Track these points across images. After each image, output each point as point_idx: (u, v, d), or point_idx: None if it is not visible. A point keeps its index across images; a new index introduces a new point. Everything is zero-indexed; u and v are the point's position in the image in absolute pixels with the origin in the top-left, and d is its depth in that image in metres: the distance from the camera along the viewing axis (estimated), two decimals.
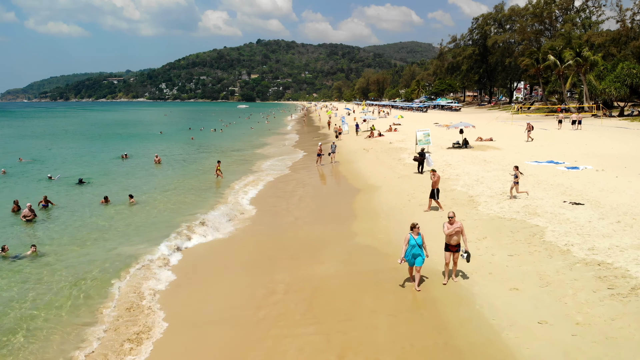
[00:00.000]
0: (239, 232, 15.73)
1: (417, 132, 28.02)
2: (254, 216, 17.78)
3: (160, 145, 46.29)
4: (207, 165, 31.97)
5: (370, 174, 23.91)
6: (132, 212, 18.66)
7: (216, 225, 16.10)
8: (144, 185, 24.45)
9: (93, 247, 14.30)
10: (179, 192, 22.52)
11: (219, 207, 18.75)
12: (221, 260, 13.14)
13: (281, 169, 28.89)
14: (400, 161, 26.42)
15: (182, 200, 20.80)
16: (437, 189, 15.79)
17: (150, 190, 23.10)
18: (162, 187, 23.94)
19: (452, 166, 22.91)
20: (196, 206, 19.31)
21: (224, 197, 21.10)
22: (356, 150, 34.72)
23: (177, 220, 16.88)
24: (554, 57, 61.14)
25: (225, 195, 21.62)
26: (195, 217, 16.95)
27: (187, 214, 17.66)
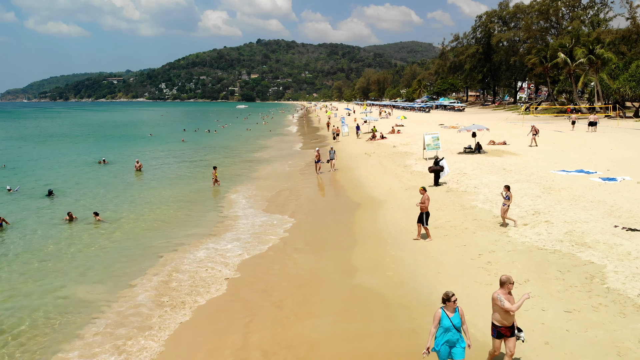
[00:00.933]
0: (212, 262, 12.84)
1: (425, 135, 25.13)
2: (236, 237, 14.89)
3: (146, 148, 43.45)
4: (195, 172, 29.12)
5: (373, 184, 21.01)
6: (96, 234, 15.78)
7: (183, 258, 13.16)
8: (117, 197, 21.59)
9: (29, 285, 11.42)
10: (157, 207, 19.66)
11: (198, 230, 15.88)
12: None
13: (276, 177, 25.97)
14: (406, 169, 23.50)
15: (159, 217, 17.93)
16: (427, 213, 12.79)
17: (124, 204, 20.23)
18: (140, 200, 21.09)
19: (468, 176, 20.00)
20: (174, 226, 16.47)
21: (208, 213, 18.24)
22: (357, 155, 31.83)
23: (149, 246, 14.09)
24: (564, 54, 58.21)
25: (209, 209, 18.74)
26: (170, 243, 14.16)
27: (162, 239, 14.83)
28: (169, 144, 47.45)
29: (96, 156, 35.51)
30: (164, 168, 31.51)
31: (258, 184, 23.94)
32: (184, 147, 43.70)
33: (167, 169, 30.90)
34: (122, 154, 38.71)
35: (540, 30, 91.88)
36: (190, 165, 32.52)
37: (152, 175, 28.22)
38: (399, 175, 22.16)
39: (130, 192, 23.00)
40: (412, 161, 25.55)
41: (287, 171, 28.05)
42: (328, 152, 26.44)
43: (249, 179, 25.58)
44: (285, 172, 27.64)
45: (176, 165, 32.65)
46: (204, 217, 17.72)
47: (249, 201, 20.00)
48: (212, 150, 41.64)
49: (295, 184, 23.39)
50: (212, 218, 17.46)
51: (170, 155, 38.01)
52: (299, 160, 33.24)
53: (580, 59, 55.66)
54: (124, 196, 22.01)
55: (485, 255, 10.97)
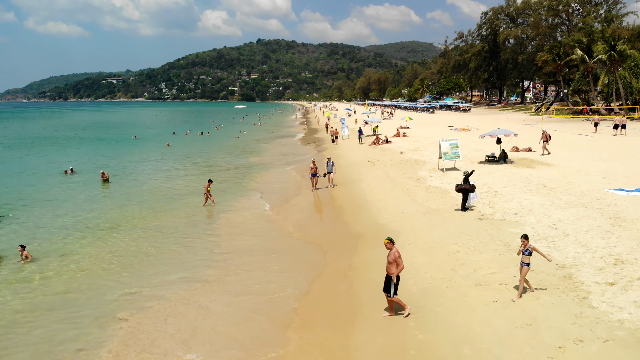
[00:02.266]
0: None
1: (442, 142, 20.92)
2: (186, 290, 10.75)
3: (126, 153, 39.30)
4: (175, 183, 24.90)
5: (381, 204, 16.80)
6: (19, 284, 11.64)
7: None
8: (70, 221, 17.43)
9: None
10: (119, 233, 15.53)
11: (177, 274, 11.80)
12: None
13: (265, 193, 21.69)
14: (420, 183, 19.27)
15: (121, 250, 13.82)
16: (397, 278, 8.42)
17: (76, 230, 16.09)
18: (98, 223, 16.94)
19: (501, 196, 15.79)
20: (142, 267, 12.37)
21: (175, 244, 14.10)
22: (359, 163, 27.62)
23: (102, 304, 10.06)
24: (581, 51, 53.94)
25: (183, 238, 14.58)
26: (136, 297, 10.13)
27: (123, 289, 10.78)
28: (153, 148, 43.26)
29: (66, 164, 31.34)
30: (139, 178, 27.33)
31: (239, 206, 19.66)
32: (168, 153, 39.50)
33: (142, 180, 26.70)
34: (97, 161, 34.60)
35: (550, 27, 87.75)
36: (171, 175, 28.27)
37: (121, 189, 24.04)
38: (412, 191, 17.94)
39: (88, 212, 18.82)
40: (425, 172, 21.33)
41: (278, 187, 23.56)
42: (326, 164, 21.77)
43: (231, 200, 21.37)
44: (275, 188, 23.31)
45: (154, 175, 28.43)
46: (183, 254, 13.59)
47: (218, 236, 15.82)
48: (198, 156, 37.45)
49: (284, 205, 19.06)
50: (194, 256, 13.34)
51: (150, 162, 33.82)
52: (294, 172, 28.98)
53: (598, 55, 51.41)
54: (78, 218, 17.87)
55: (569, 351, 6.79)
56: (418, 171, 21.93)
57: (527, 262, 8.60)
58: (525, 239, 8.76)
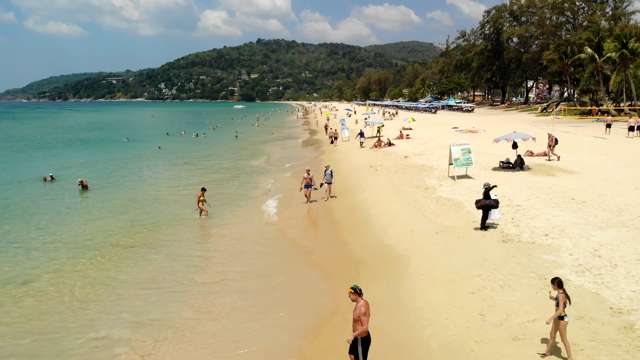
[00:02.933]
0: None
1: (452, 146, 18.86)
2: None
3: (114, 156, 37.24)
4: (161, 192, 22.81)
5: (385, 219, 14.73)
6: None
7: None
8: (35, 239, 15.35)
9: None
10: (88, 257, 13.45)
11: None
12: None
13: (254, 208, 19.57)
14: (429, 193, 17.21)
15: (87, 278, 11.79)
16: (366, 342, 6.31)
17: (40, 251, 14.03)
18: (66, 243, 14.89)
19: (524, 210, 13.73)
20: (110, 306, 10.35)
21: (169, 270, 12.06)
22: (360, 168, 25.58)
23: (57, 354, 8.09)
24: (591, 49, 51.88)
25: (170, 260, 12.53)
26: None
27: (80, 340, 8.76)
28: (143, 151, 41.19)
29: (49, 169, 29.32)
30: (123, 185, 25.25)
31: (232, 218, 17.59)
32: (158, 156, 37.43)
33: (126, 187, 24.60)
34: (82, 166, 32.56)
35: (554, 26, 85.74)
36: (158, 181, 26.16)
37: (101, 198, 21.95)
38: (421, 204, 15.88)
39: (59, 227, 16.75)
40: (433, 180, 19.25)
41: (266, 201, 21.37)
42: (323, 173, 19.15)
43: (219, 209, 19.30)
44: (265, 201, 21.24)
45: (139, 182, 26.32)
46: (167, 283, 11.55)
47: (200, 260, 13.77)
48: (191, 160, 35.39)
49: (275, 221, 16.85)
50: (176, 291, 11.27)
51: (138, 167, 31.75)
52: (289, 180, 26.95)
53: (608, 54, 49.36)
54: (47, 235, 15.79)
55: None
56: (425, 178, 19.87)
57: (562, 316, 6.57)
58: (557, 286, 6.71)
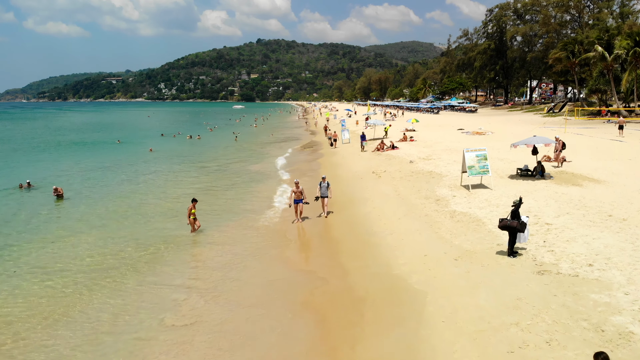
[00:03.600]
0: None
1: (466, 152, 16.80)
2: None
3: (100, 160, 35.21)
4: (146, 202, 20.76)
5: (393, 239, 12.67)
6: None
7: None
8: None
9: None
10: (52, 282, 11.51)
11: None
12: None
13: (246, 224, 17.49)
14: (441, 206, 15.15)
15: (49, 309, 9.88)
16: None
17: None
18: (32, 264, 12.91)
19: (556, 231, 11.65)
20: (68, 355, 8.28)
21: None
22: (362, 175, 23.53)
23: None
24: (601, 47, 49.81)
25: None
26: None
27: None
28: (133, 154, 39.14)
29: (28, 174, 27.28)
30: (104, 193, 23.18)
31: (220, 237, 15.49)
32: (148, 160, 35.33)
33: (108, 195, 22.50)
34: (65, 171, 30.56)
35: (560, 24, 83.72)
36: (144, 189, 24.06)
37: (78, 208, 19.90)
38: (433, 219, 13.82)
39: (24, 245, 14.72)
40: (445, 190, 17.19)
41: (249, 217, 19.21)
42: (318, 185, 16.18)
43: (208, 224, 17.22)
44: (249, 217, 19.18)
45: (123, 189, 24.22)
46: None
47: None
48: (182, 164, 33.34)
49: (263, 240, 14.70)
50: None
51: (124, 172, 29.69)
52: (283, 191, 24.86)
53: (620, 52, 47.32)
54: (5, 255, 13.76)
55: None
56: (435, 188, 17.81)
57: None
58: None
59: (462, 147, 28.75)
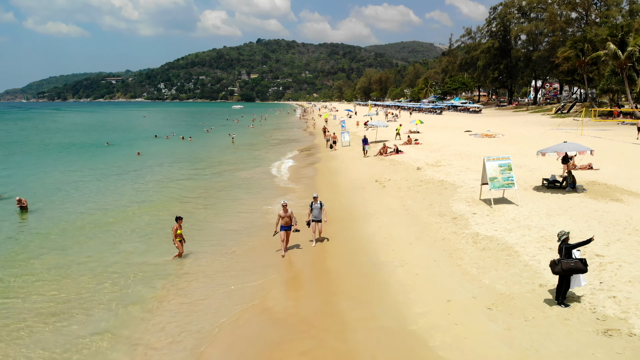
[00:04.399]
0: None
1: (487, 162, 14.35)
2: None
3: (82, 165, 32.77)
4: (121, 216, 18.26)
5: (404, 273, 10.18)
6: None
7: None
8: None
9: None
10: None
11: None
12: None
13: (212, 253, 15.10)
14: (460, 226, 12.71)
15: None
16: None
17: None
18: None
19: (611, 265, 9.18)
20: None
21: None
22: (364, 183, 21.10)
23: None
24: (614, 45, 47.38)
25: None
26: None
27: None
28: (120, 157, 36.65)
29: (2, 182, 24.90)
30: (75, 203, 20.71)
31: (197, 269, 13.07)
32: (133, 165, 32.81)
33: (79, 207, 20.06)
34: (40, 177, 28.16)
35: (566, 22, 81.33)
36: (122, 200, 21.55)
37: (41, 223, 17.43)
38: (452, 245, 11.38)
39: None
40: (462, 206, 14.73)
41: (227, 242, 16.67)
42: (309, 206, 12.98)
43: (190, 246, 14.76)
44: (223, 245, 16.69)
45: (98, 200, 21.64)
46: None
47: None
48: (169, 169, 30.90)
49: (243, 274, 12.03)
50: None
51: (104, 178, 27.24)
52: (274, 208, 22.45)
53: (634, 49, 44.93)
54: None
55: None
56: (450, 201, 15.37)
57: None
58: None
59: (473, 152, 26.48)
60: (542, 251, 10.28)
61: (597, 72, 64.46)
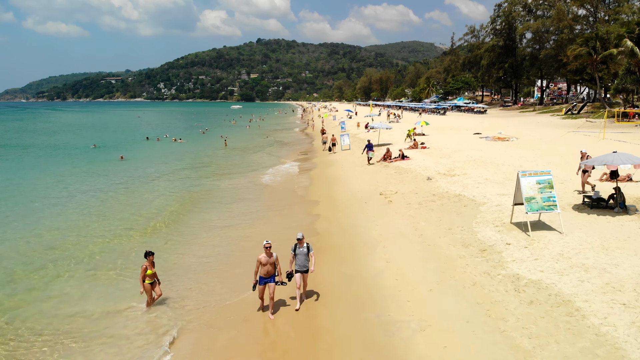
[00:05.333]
0: None
1: (522, 177, 11.45)
2: None
3: (57, 170, 29.95)
4: (81, 238, 15.36)
5: (427, 346, 7.30)
6: None
7: None
8: None
9: None
10: None
11: None
12: None
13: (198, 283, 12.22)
14: (492, 262, 9.85)
15: None
16: None
17: None
18: None
19: None
20: None
21: None
22: (366, 197, 18.23)
23: None
24: (631, 42, 44.53)
25: None
26: None
27: None
28: (102, 162, 33.80)
29: None
30: (34, 220, 17.90)
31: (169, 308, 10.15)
32: (114, 171, 29.96)
33: (36, 225, 17.23)
34: (3, 186, 25.34)
35: (574, 19, 78.43)
36: (84, 218, 18.55)
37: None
38: (487, 294, 8.54)
39: None
40: (490, 231, 11.86)
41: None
42: (292, 250, 9.47)
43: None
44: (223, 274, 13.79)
45: (59, 218, 18.81)
46: None
47: None
48: (147, 177, 28.04)
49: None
50: None
51: (75, 188, 24.39)
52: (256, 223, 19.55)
53: None
54: None
55: None
56: (473, 225, 12.49)
57: None
58: None
59: (488, 158, 23.52)
60: (615, 309, 7.44)
61: (607, 71, 61.79)
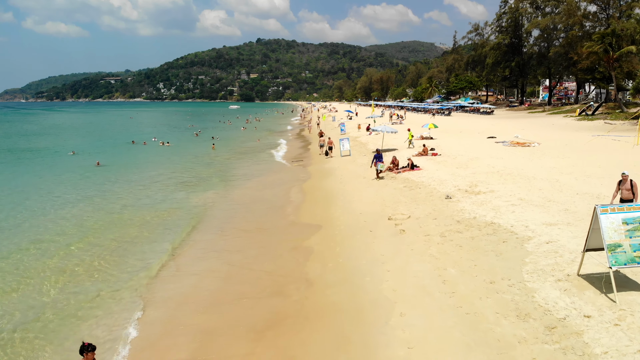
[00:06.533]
0: None
1: (602, 215, 7.86)
2: None
3: (26, 179, 26.45)
4: (28, 276, 11.91)
5: None
6: None
7: None
8: None
9: None
10: None
11: None
12: None
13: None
14: (568, 352, 6.35)
15: None
16: None
17: None
18: None
19: None
20: None
21: None
22: (371, 222, 14.64)
23: None
24: None
25: None
26: None
27: None
28: (75, 170, 30.17)
29: None
30: None
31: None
32: (87, 180, 26.40)
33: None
34: None
35: (584, 16, 74.85)
36: (40, 247, 15.12)
37: None
38: None
39: None
40: (554, 291, 8.25)
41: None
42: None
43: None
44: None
45: (16, 241, 15.41)
46: None
47: None
48: (115, 191, 24.47)
49: None
50: None
51: (37, 207, 20.84)
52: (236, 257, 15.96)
53: None
54: None
55: None
56: (525, 277, 8.90)
57: None
58: None
59: (514, 169, 19.40)
60: None
61: (621, 70, 58.48)
